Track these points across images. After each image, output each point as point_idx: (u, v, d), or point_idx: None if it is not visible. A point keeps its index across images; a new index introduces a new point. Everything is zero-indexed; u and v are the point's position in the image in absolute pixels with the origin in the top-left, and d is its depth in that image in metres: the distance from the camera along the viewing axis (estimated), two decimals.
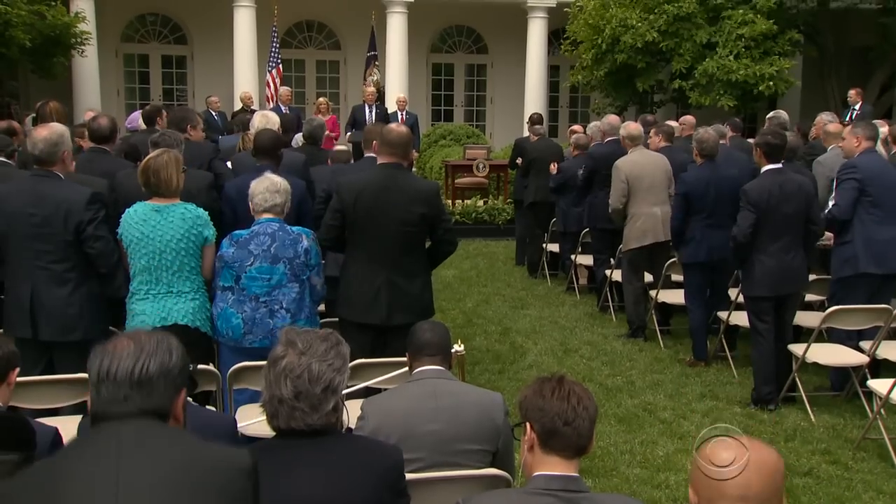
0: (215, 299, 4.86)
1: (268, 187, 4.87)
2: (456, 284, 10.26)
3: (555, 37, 20.59)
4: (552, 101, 22.24)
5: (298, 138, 10.77)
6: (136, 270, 4.68)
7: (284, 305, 4.82)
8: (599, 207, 8.65)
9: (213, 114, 14.54)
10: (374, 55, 18.69)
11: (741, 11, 14.64)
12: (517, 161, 10.85)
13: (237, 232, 4.91)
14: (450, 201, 14.32)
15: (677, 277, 8.04)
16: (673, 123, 9.59)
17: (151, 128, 7.90)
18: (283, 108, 14.72)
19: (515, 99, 20.62)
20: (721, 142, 8.74)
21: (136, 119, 9.94)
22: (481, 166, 14.47)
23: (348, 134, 14.31)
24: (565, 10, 17.36)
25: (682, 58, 14.86)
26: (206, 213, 4.81)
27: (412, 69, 19.61)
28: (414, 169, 16.25)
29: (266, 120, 6.71)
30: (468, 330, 8.20)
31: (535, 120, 11.72)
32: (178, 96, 21.66)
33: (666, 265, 7.65)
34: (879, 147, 6.85)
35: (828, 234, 6.65)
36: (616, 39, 15.38)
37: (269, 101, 17.46)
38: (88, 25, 16.27)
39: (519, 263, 11.39)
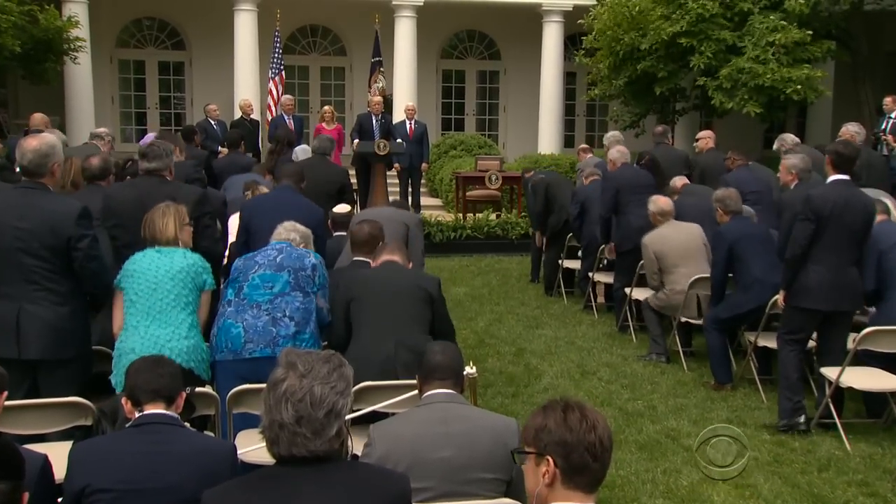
0: (216, 318, 4.88)
1: (286, 226, 5.34)
2: (467, 302, 10.23)
3: (571, 42, 20.61)
4: (568, 110, 22.23)
5: (299, 151, 10.85)
6: (128, 305, 4.66)
7: (288, 313, 4.83)
8: (627, 228, 8.71)
9: (212, 122, 14.60)
10: (379, 61, 18.76)
11: (772, 17, 14.56)
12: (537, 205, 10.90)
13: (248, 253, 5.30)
14: (461, 215, 14.33)
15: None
16: (678, 183, 9.53)
17: (190, 144, 8.04)
18: (286, 117, 14.78)
19: (530, 107, 20.65)
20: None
21: (151, 140, 10.10)
22: (494, 178, 14.48)
23: (355, 142, 14.32)
24: (586, 14, 17.21)
25: (703, 55, 14.75)
26: (209, 263, 4.90)
27: (421, 76, 19.66)
28: (423, 180, 16.28)
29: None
30: (480, 351, 8.17)
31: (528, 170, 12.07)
32: (176, 104, 21.77)
33: (689, 282, 7.61)
34: (888, 204, 6.98)
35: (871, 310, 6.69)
36: (636, 48, 15.31)
37: (270, 110, 17.51)
38: (82, 30, 16.35)
39: (534, 280, 11.36)
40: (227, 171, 10.77)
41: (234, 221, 6.93)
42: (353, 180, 15.01)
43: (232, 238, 6.91)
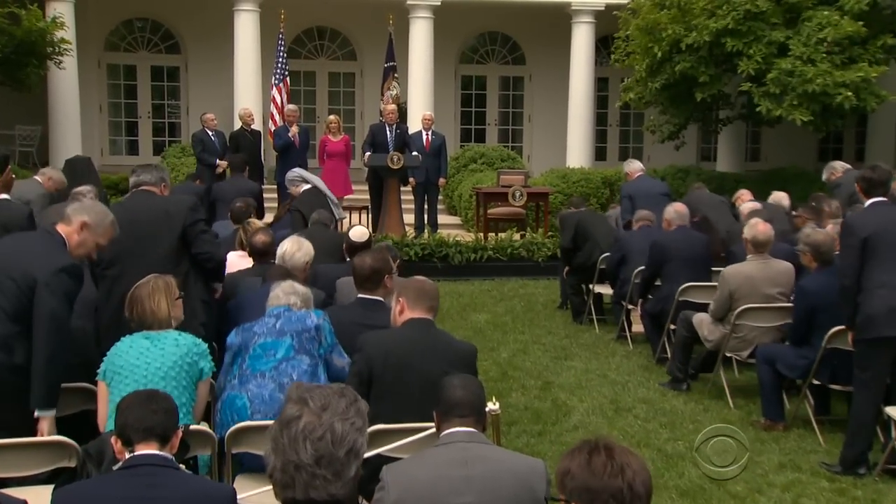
0: (220, 396, 4.88)
1: (284, 289, 5.25)
2: (489, 331, 10.22)
3: (603, 45, 20.63)
4: (600, 119, 22.26)
5: (301, 173, 10.96)
6: (112, 406, 4.37)
7: (295, 377, 4.84)
8: (667, 300, 8.68)
9: (210, 133, 14.65)
10: (393, 66, 18.83)
11: (825, 13, 14.31)
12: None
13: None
14: (481, 234, 14.32)
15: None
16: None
17: (191, 184, 8.25)
18: (289, 128, 14.84)
19: (557, 116, 20.68)
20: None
21: None
22: (518, 194, 14.48)
23: (367, 155, 14.36)
24: (615, 13, 17.14)
25: (752, 60, 14.51)
26: (205, 344, 4.80)
27: (438, 82, 19.75)
28: (440, 197, 16.26)
29: (299, 248, 6.66)
30: (503, 384, 8.15)
31: (578, 203, 12.00)
32: (170, 113, 21.92)
33: (737, 312, 7.54)
34: None
35: None
36: (676, 45, 15.09)
37: (273, 120, 17.58)
38: (67, 32, 16.43)
39: (563, 307, 11.33)
40: (230, 196, 10.81)
41: (230, 260, 7.08)
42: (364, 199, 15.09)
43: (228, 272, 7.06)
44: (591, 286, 10.50)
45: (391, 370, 4.64)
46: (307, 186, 10.54)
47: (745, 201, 10.68)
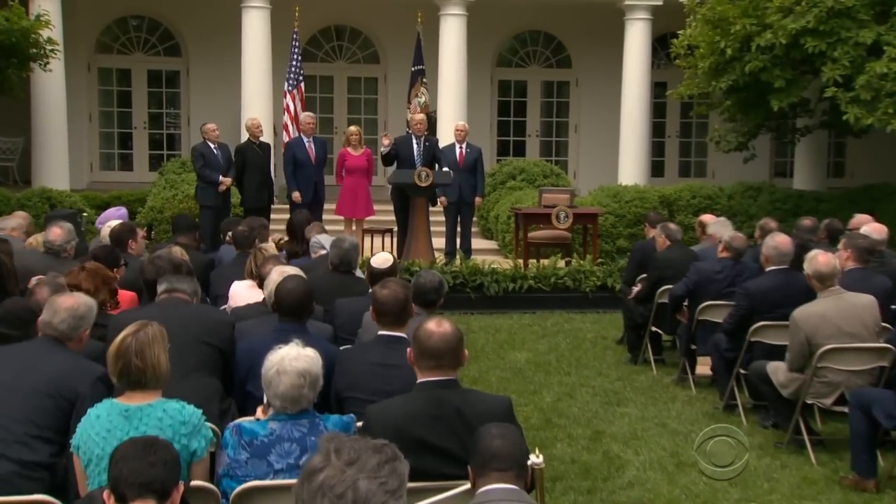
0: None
1: (293, 382, 4.47)
2: (530, 371, 10.19)
3: (660, 45, 20.61)
4: (657, 129, 22.24)
5: (321, 240, 10.96)
6: (90, 486, 4.30)
7: None
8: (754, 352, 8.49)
9: (212, 146, 14.67)
10: (422, 70, 18.92)
11: None
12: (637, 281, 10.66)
13: (247, 425, 4.55)
14: (521, 261, 14.31)
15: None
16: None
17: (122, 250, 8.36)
18: (305, 139, 14.87)
19: (608, 127, 20.69)
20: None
21: (113, 216, 10.49)
22: (563, 216, 14.45)
23: (388, 170, 14.39)
24: (681, 0, 16.69)
25: (838, 63, 14.23)
26: (197, 413, 4.41)
27: (473, 88, 19.84)
28: (474, 218, 16.22)
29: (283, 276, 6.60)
30: (547, 433, 8.13)
31: (656, 220, 11.63)
32: (169, 123, 22.12)
33: (819, 354, 7.46)
34: None
35: None
36: (747, 43, 14.87)
37: (287, 130, 17.65)
38: (54, 31, 16.52)
39: (622, 342, 11.19)
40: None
41: (236, 289, 7.24)
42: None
43: (234, 304, 7.18)
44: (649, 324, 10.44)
45: (407, 449, 4.36)
46: (323, 252, 10.56)
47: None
